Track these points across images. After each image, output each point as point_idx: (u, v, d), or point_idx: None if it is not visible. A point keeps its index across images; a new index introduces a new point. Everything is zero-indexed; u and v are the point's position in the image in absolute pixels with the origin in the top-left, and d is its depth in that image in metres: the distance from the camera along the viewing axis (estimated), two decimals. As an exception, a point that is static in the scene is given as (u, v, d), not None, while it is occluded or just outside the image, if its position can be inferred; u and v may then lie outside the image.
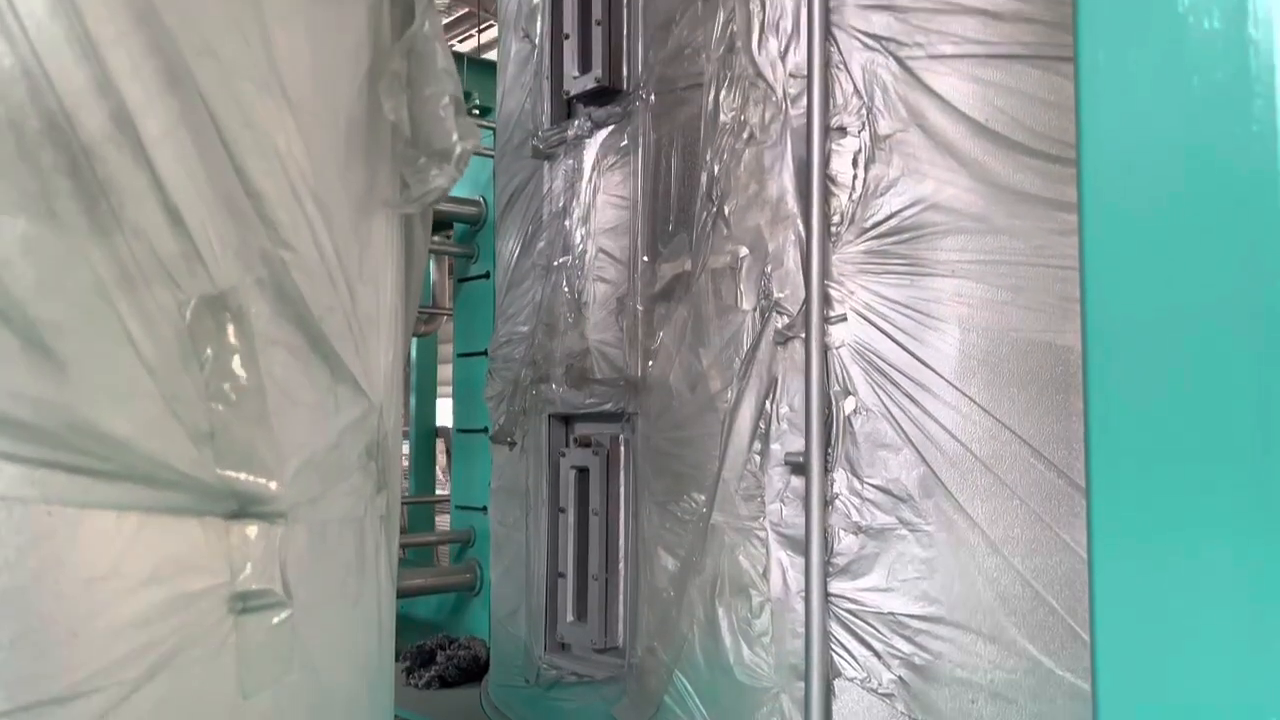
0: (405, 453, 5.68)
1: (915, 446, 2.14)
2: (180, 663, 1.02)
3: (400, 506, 1.56)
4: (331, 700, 1.25)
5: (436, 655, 3.64)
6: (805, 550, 2.15)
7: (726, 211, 2.38)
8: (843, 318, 2.23)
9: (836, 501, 2.18)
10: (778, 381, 2.28)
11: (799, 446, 2.21)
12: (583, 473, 2.54)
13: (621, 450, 2.50)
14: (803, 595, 2.13)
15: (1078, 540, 2.01)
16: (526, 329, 2.75)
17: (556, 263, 2.67)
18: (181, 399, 0.97)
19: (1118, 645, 0.92)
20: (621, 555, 2.44)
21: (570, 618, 2.58)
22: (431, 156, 1.35)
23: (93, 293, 0.91)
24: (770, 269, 2.31)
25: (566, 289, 2.63)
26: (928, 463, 2.13)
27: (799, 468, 2.20)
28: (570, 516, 2.55)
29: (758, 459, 2.28)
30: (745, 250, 2.35)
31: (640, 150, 2.52)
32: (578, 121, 2.62)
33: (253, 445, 1.04)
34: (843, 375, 2.21)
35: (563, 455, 2.59)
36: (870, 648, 2.09)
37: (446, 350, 5.86)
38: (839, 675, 2.11)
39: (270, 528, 1.09)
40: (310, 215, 1.16)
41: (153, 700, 1.00)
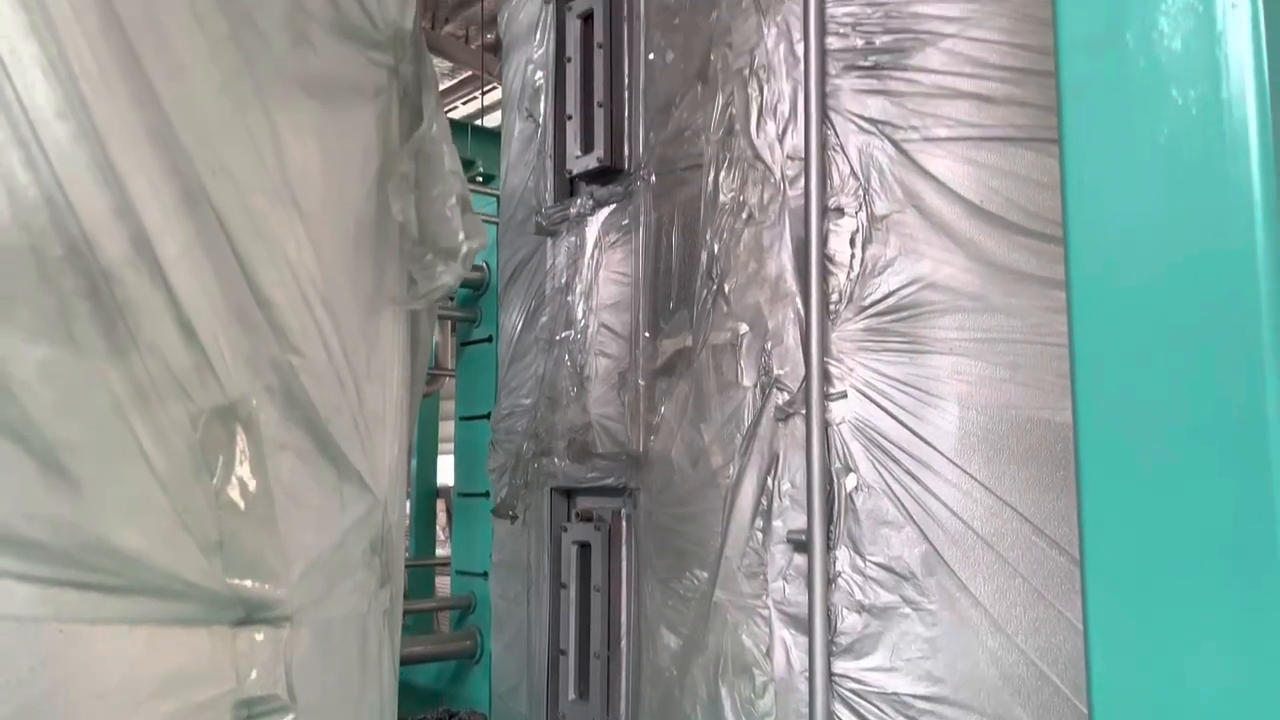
0: (406, 513, 5.66)
1: (917, 524, 2.15)
2: (187, 771, 1.02)
3: (403, 582, 1.57)
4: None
5: (437, 729, 3.60)
6: (808, 629, 2.14)
7: (726, 289, 2.41)
8: (843, 394, 2.25)
9: (839, 579, 2.18)
10: (779, 458, 2.29)
11: (801, 523, 2.21)
12: (585, 548, 2.54)
13: (624, 525, 2.50)
14: (806, 675, 2.12)
15: (1081, 618, 2.00)
16: (529, 402, 2.77)
17: (559, 337, 2.70)
18: (192, 510, 0.99)
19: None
20: (624, 633, 2.43)
21: (572, 696, 2.56)
22: (438, 254, 1.38)
23: (108, 411, 0.93)
24: (770, 346, 2.34)
25: (569, 363, 2.66)
26: (930, 540, 2.14)
27: (801, 545, 2.20)
28: (572, 592, 2.54)
29: (760, 536, 2.28)
30: (745, 327, 2.38)
31: (641, 228, 2.56)
32: (580, 200, 2.67)
33: (260, 552, 1.05)
34: (844, 452, 2.22)
35: (565, 530, 2.59)
36: (875, 730, 2.08)
37: (448, 406, 5.88)
38: (844, 758, 2.09)
39: (276, 631, 1.10)
40: (319, 319, 1.19)
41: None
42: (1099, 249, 0.91)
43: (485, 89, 10.38)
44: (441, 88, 11.29)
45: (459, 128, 5.77)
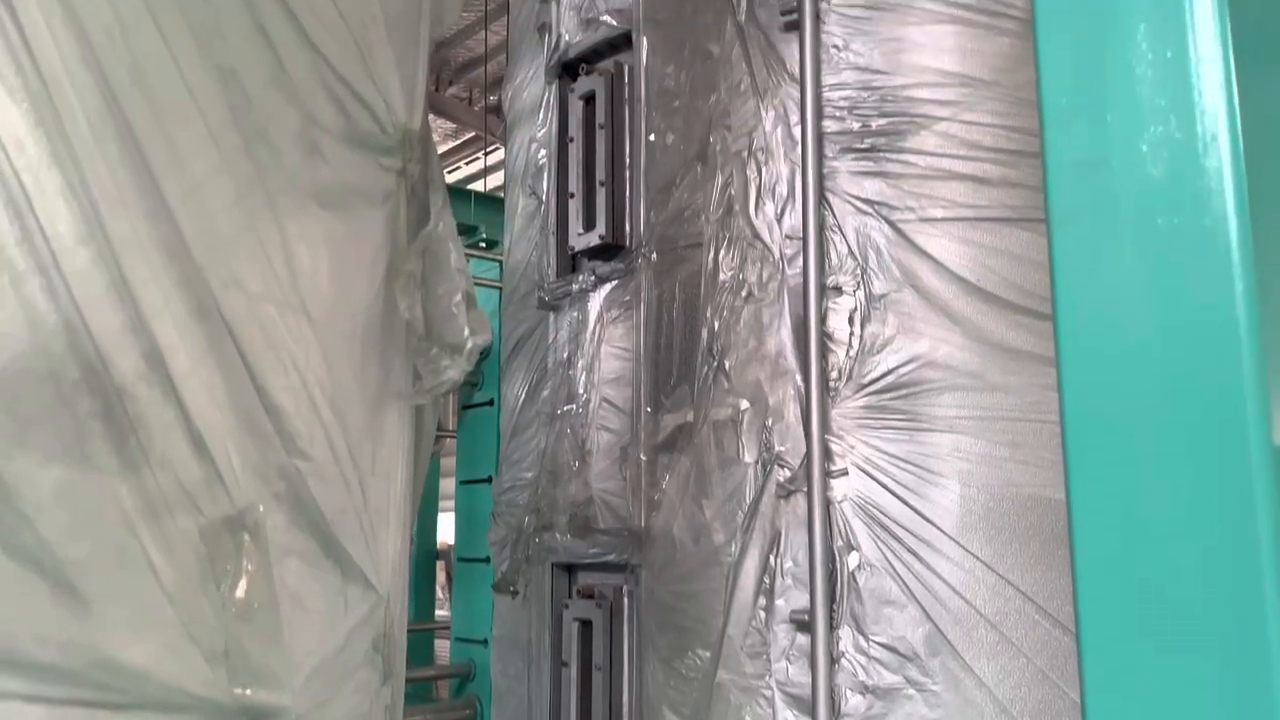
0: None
1: (920, 603, 2.14)
2: None
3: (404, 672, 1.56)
4: None
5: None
6: (812, 711, 2.13)
7: (727, 366, 2.43)
8: (844, 472, 2.26)
9: (843, 660, 2.16)
10: (781, 535, 2.29)
11: (804, 603, 2.21)
12: (586, 625, 2.52)
13: (625, 603, 2.49)
14: (811, 760, 2.10)
15: (1086, 703, 1.99)
16: (531, 475, 2.77)
17: (561, 411, 2.71)
18: (198, 621, 1.00)
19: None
20: (626, 713, 2.41)
21: (574, 776, 2.53)
22: (444, 349, 1.41)
23: (119, 528, 0.95)
24: (771, 422, 2.36)
25: (571, 437, 2.67)
26: (933, 620, 2.13)
27: (804, 625, 2.20)
28: (574, 671, 2.52)
29: (762, 615, 2.27)
30: (746, 403, 2.40)
31: (643, 304, 2.59)
32: (582, 276, 2.70)
33: (265, 660, 1.06)
34: (846, 530, 2.22)
35: (566, 607, 2.58)
36: (880, 817, 2.05)
37: (449, 463, 5.88)
38: (850, 847, 2.06)
39: (279, 738, 1.10)
40: (326, 421, 1.21)
41: None
42: (1090, 372, 0.93)
43: (488, 149, 10.53)
44: (445, 148, 11.48)
45: (463, 193, 5.86)
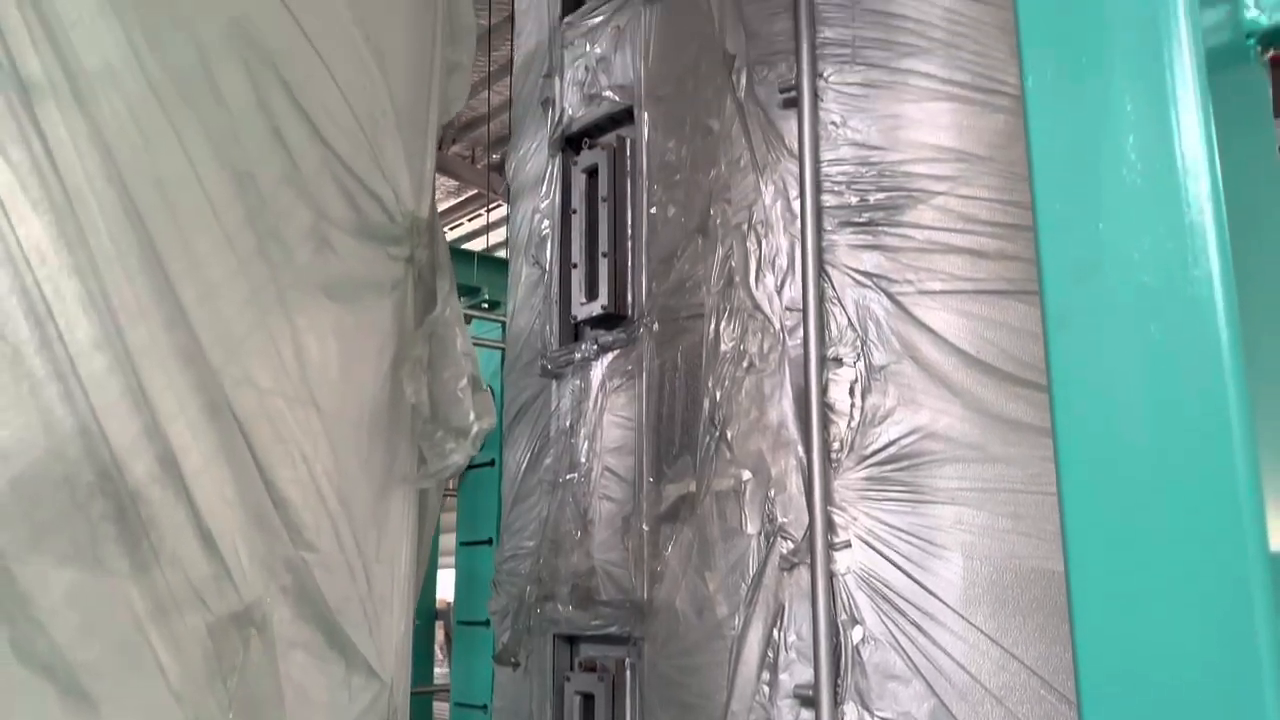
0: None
1: (925, 678, 2.13)
2: None
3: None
4: None
5: None
6: (817, 790, 2.10)
7: (729, 436, 2.44)
8: (847, 544, 2.26)
9: (847, 737, 2.14)
10: (784, 609, 2.28)
11: (808, 677, 2.19)
12: (588, 699, 2.50)
13: (627, 676, 2.47)
14: (816, 841, 2.07)
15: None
16: (532, 544, 2.77)
17: (563, 480, 2.72)
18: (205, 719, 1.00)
19: None
20: (628, 791, 2.38)
21: None
22: (449, 432, 1.42)
23: (129, 629, 0.95)
24: (774, 493, 2.36)
25: (573, 506, 2.67)
26: (938, 695, 2.12)
27: (809, 700, 2.18)
28: (576, 745, 2.49)
29: (766, 690, 2.25)
30: (748, 474, 2.41)
31: (645, 374, 2.61)
32: (585, 345, 2.73)
33: (270, 757, 1.06)
34: (849, 603, 2.22)
35: (568, 679, 2.56)
36: None
37: (449, 519, 5.85)
38: None
39: (282, 835, 1.09)
40: (333, 511, 1.22)
41: None
42: (1087, 472, 0.94)
43: (490, 206, 10.64)
44: (446, 205, 11.61)
45: (465, 254, 5.92)
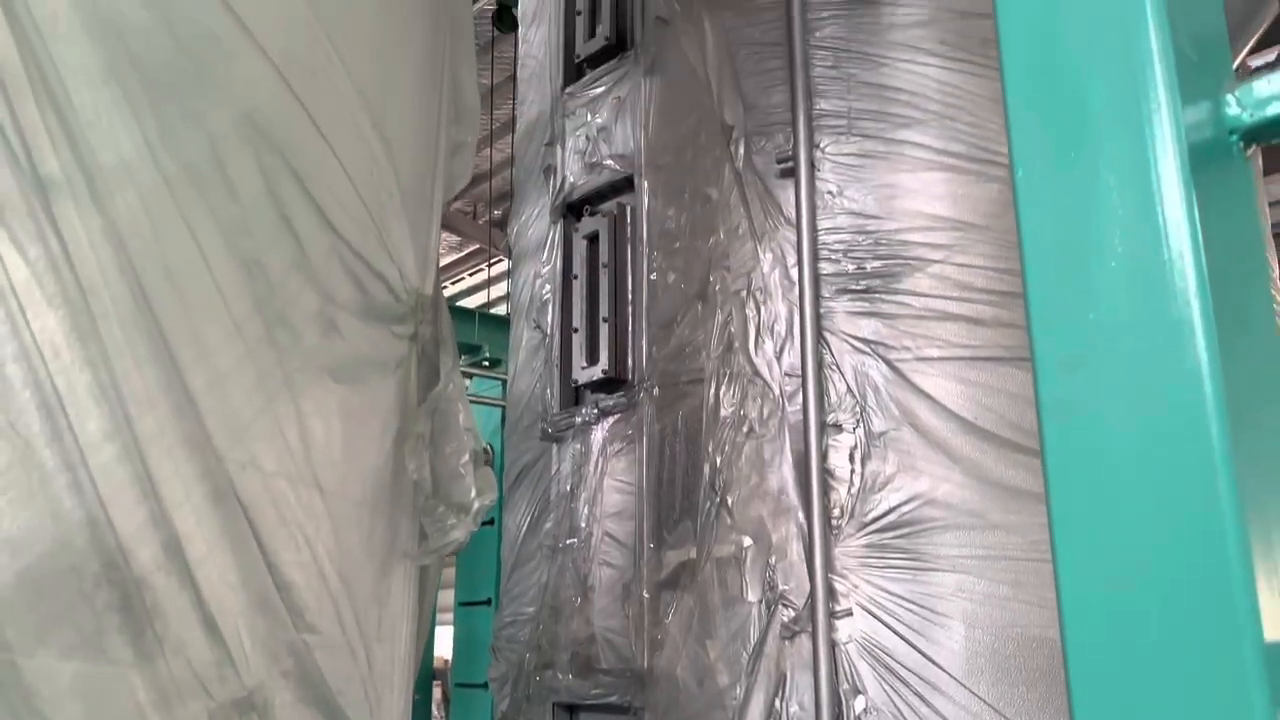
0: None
1: (928, 750, 2.11)
2: None
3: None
4: None
5: None
6: None
7: (729, 502, 2.45)
8: (848, 612, 2.25)
9: (851, 810, 2.12)
10: (786, 678, 2.27)
11: (810, 749, 2.17)
12: (589, 769, 2.47)
13: (628, 747, 2.44)
14: None
15: None
16: (532, 610, 2.75)
17: (563, 545, 2.71)
18: (204, 810, 1.00)
19: None
20: None
21: None
22: (450, 508, 1.42)
23: (132, 719, 0.96)
24: (775, 560, 2.35)
25: (573, 572, 2.66)
26: (942, 767, 2.09)
27: (811, 772, 2.15)
28: (575, 818, 2.45)
29: (768, 761, 2.23)
30: (749, 540, 2.40)
31: (645, 439, 2.62)
32: (585, 409, 2.74)
33: (269, 847, 1.05)
34: (851, 672, 2.20)
35: (568, 750, 2.53)
36: None
37: (448, 573, 5.80)
38: None
39: None
40: (335, 592, 1.22)
41: None
42: (1083, 562, 0.95)
43: (491, 261, 10.74)
44: (449, 260, 11.72)
45: (466, 313, 5.97)
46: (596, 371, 2.73)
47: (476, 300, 11.51)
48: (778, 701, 2.26)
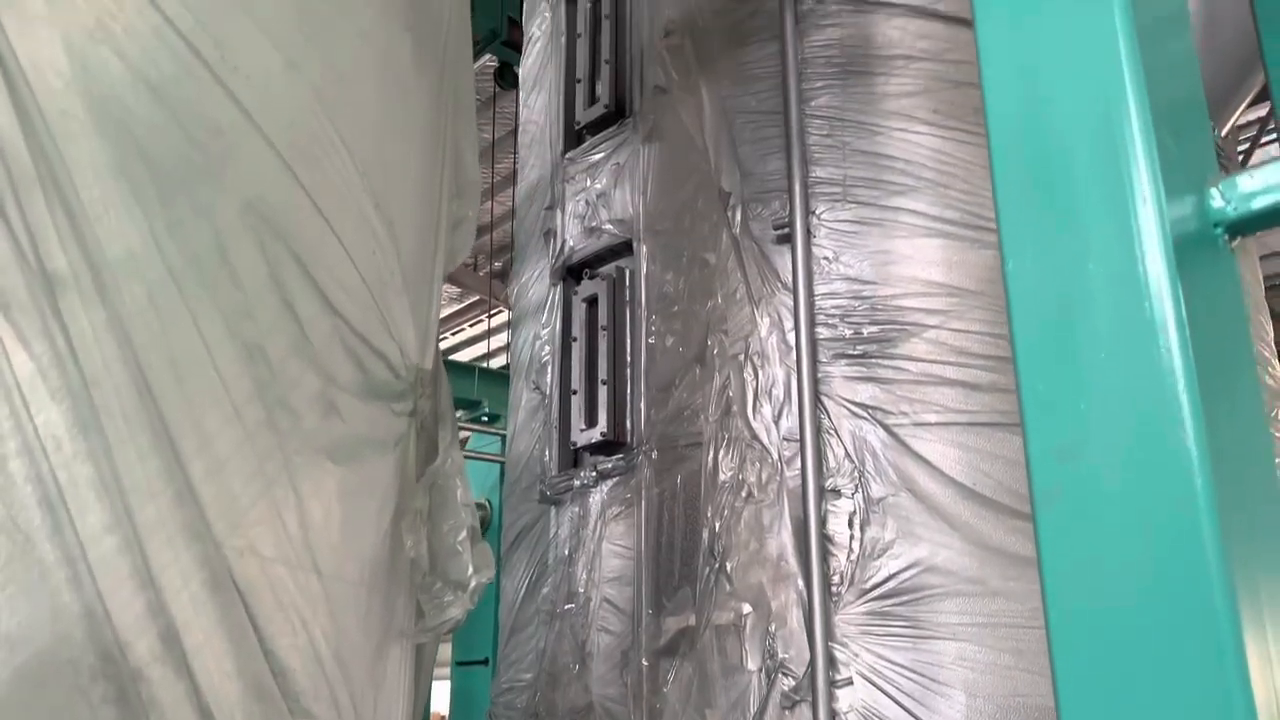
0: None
1: (931, 823, 2.08)
2: None
3: None
4: None
5: None
6: None
7: (729, 568, 2.44)
8: (849, 681, 2.23)
9: None
10: (787, 749, 2.24)
11: (812, 823, 2.14)
12: (586, 842, 2.43)
13: (627, 819, 2.40)
14: None
15: None
16: (529, 677, 2.73)
17: (561, 610, 2.69)
18: None
19: None
20: None
21: None
22: (447, 585, 1.42)
23: (124, 815, 0.95)
24: (774, 628, 2.34)
25: (571, 638, 2.64)
26: (945, 841, 2.06)
27: (812, 847, 2.12)
28: None
29: (769, 835, 2.19)
30: (748, 608, 2.39)
31: (644, 503, 2.62)
32: (584, 471, 2.74)
33: None
34: (852, 743, 2.17)
35: (566, 823, 2.49)
36: None
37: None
38: None
39: None
40: (331, 676, 1.22)
41: None
42: (1079, 648, 0.96)
43: (491, 313, 10.79)
44: (449, 311, 11.78)
45: (466, 369, 5.99)
46: (595, 434, 2.74)
47: (477, 351, 11.54)
48: (778, 773, 2.23)
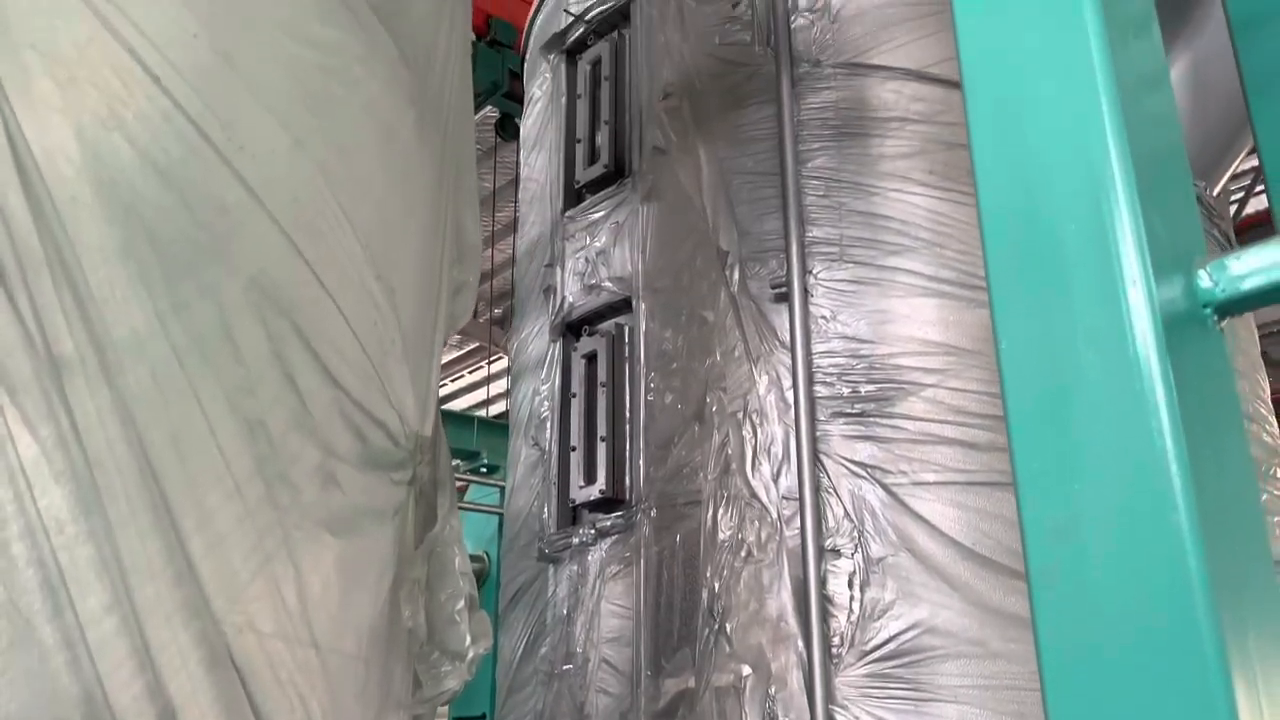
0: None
1: None
2: None
3: None
4: None
5: None
6: None
7: (728, 628, 2.42)
8: (849, 745, 2.20)
9: None
10: (789, 817, 2.21)
11: None
12: None
13: None
14: None
15: None
16: (527, 738, 2.70)
17: (559, 671, 2.67)
18: None
19: None
20: None
21: None
22: (445, 655, 1.42)
23: None
24: (774, 690, 2.32)
25: (569, 700, 2.61)
26: None
27: None
28: None
29: None
30: (748, 669, 2.37)
31: (643, 561, 2.61)
32: (583, 529, 2.73)
33: None
34: (854, 810, 2.15)
35: None
36: None
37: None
38: None
39: None
40: (328, 752, 1.21)
41: None
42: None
43: (491, 359, 10.82)
44: (449, 358, 11.81)
45: (466, 420, 5.99)
46: (594, 491, 2.74)
47: (476, 398, 11.54)
48: (779, 840, 2.20)
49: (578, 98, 3.18)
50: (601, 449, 2.77)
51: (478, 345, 11.50)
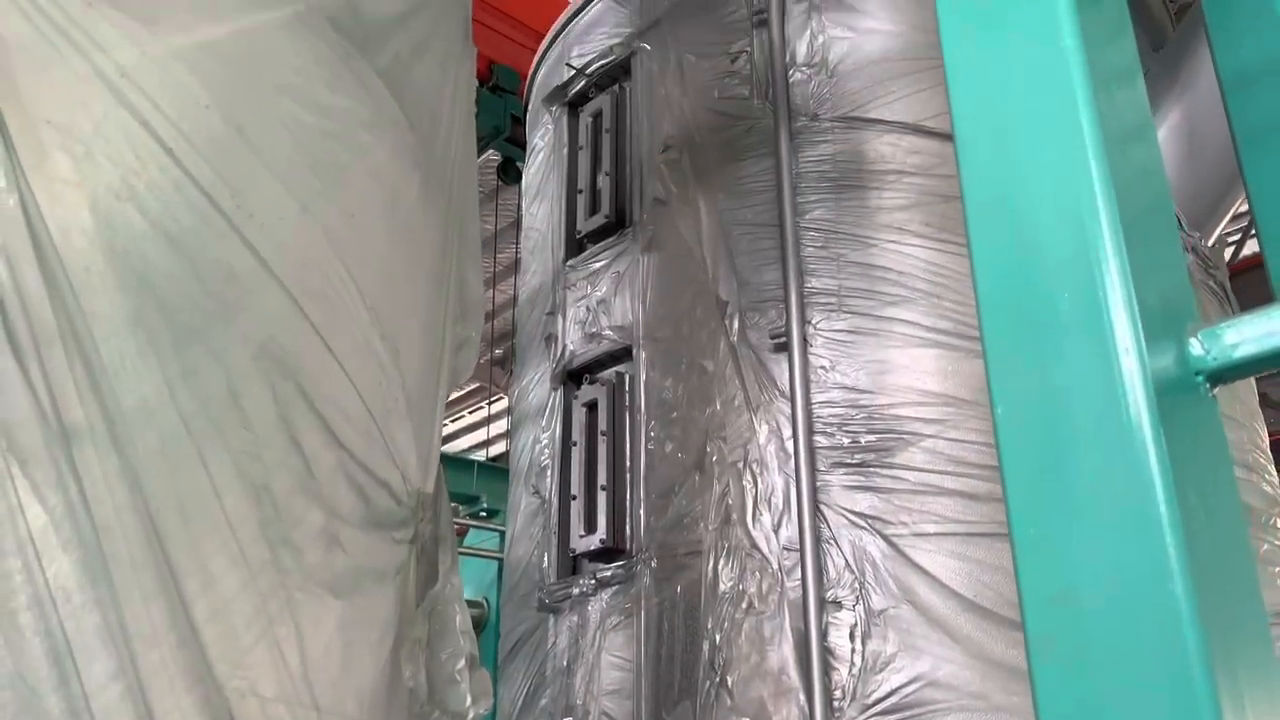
0: None
1: None
2: None
3: None
4: None
5: None
6: None
7: (729, 681, 2.41)
8: (852, 801, 2.18)
9: None
10: None
11: None
12: None
13: None
14: None
15: None
16: (527, 793, 2.67)
17: (560, 723, 2.65)
18: None
19: None
20: None
21: None
22: (445, 715, 1.41)
23: None
24: (776, 746, 2.30)
25: (570, 753, 2.59)
26: None
27: None
28: None
29: None
30: (750, 724, 2.35)
31: (643, 613, 2.60)
32: (583, 579, 2.73)
33: None
34: None
35: None
36: None
37: None
38: None
39: None
40: (328, 817, 1.21)
41: None
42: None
43: (491, 400, 10.82)
44: (450, 398, 11.83)
45: (465, 463, 5.99)
46: (594, 540, 2.73)
47: (476, 438, 11.53)
48: None
49: (579, 149, 3.23)
50: (602, 498, 2.77)
51: (478, 385, 11.52)
